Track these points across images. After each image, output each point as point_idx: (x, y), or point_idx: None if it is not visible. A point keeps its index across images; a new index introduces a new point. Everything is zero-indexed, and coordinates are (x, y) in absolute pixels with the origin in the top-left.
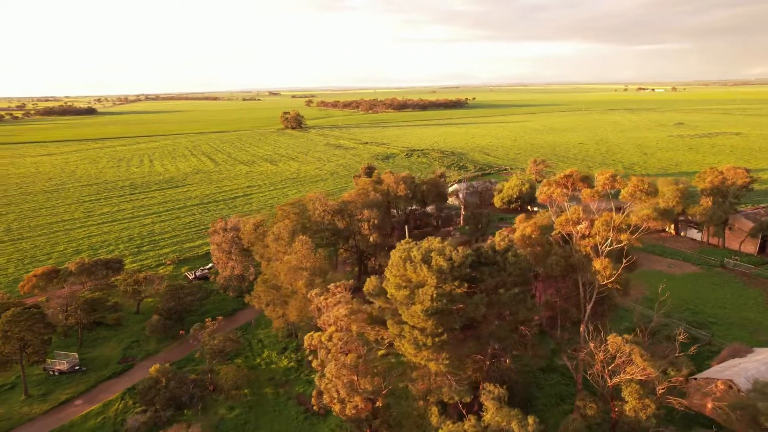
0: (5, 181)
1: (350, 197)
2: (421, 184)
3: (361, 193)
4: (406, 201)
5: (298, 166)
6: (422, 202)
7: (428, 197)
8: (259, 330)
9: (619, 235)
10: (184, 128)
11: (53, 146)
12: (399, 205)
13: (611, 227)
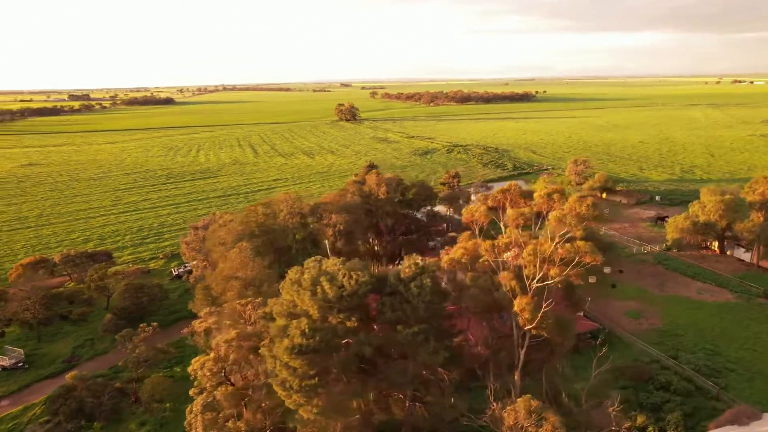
0: (62, 168)
1: (327, 199)
2: (410, 187)
3: (338, 195)
4: (391, 205)
5: (334, 159)
6: (410, 206)
7: (415, 202)
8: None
9: (552, 269)
10: (244, 118)
11: (121, 134)
12: (383, 210)
13: (539, 258)
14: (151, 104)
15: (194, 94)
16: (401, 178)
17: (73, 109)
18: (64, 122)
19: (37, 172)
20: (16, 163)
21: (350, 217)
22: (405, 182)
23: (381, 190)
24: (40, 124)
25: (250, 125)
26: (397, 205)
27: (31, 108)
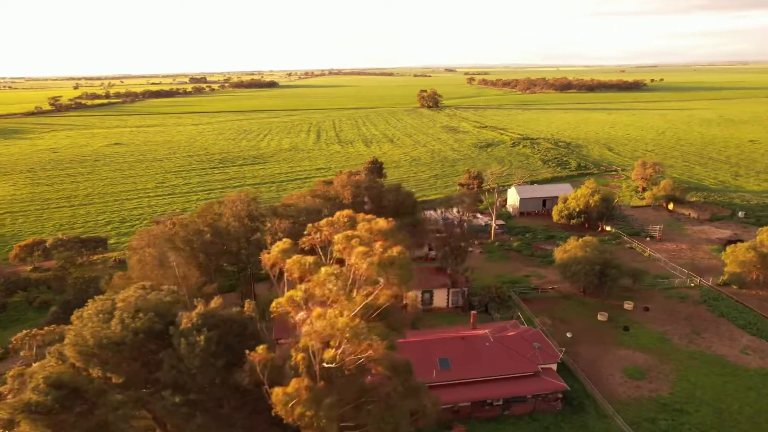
0: (137, 149)
1: (290, 200)
2: (385, 192)
3: (301, 196)
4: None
5: (389, 149)
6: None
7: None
8: None
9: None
10: (329, 103)
11: (209, 116)
12: None
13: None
14: (255, 87)
15: (300, 78)
16: (378, 182)
17: (186, 92)
18: (172, 104)
19: (116, 151)
20: (105, 142)
21: (298, 222)
22: (381, 185)
23: (345, 193)
24: (149, 106)
25: (331, 110)
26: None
27: (151, 90)
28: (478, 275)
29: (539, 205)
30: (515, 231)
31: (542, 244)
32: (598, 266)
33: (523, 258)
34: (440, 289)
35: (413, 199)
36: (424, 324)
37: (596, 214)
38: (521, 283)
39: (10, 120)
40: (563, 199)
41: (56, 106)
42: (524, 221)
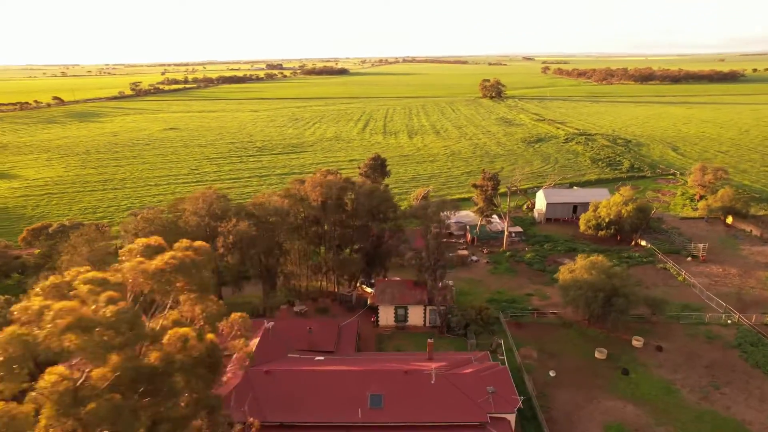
0: (188, 134)
1: (259, 199)
2: (360, 195)
3: (272, 195)
4: (335, 213)
5: (431, 141)
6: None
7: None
8: None
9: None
10: (392, 91)
11: (269, 103)
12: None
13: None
14: (325, 74)
15: (373, 65)
16: (355, 183)
17: (258, 78)
18: (242, 90)
19: (168, 136)
20: (161, 127)
21: (257, 224)
22: (358, 187)
23: (314, 194)
24: (220, 91)
25: (390, 99)
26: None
27: (225, 76)
28: (474, 290)
29: (569, 212)
30: (534, 240)
31: (559, 258)
32: (602, 293)
33: (532, 273)
34: (416, 305)
35: (391, 203)
36: (390, 344)
37: (629, 226)
38: (520, 302)
39: (96, 104)
40: (594, 206)
41: (136, 91)
42: (548, 229)
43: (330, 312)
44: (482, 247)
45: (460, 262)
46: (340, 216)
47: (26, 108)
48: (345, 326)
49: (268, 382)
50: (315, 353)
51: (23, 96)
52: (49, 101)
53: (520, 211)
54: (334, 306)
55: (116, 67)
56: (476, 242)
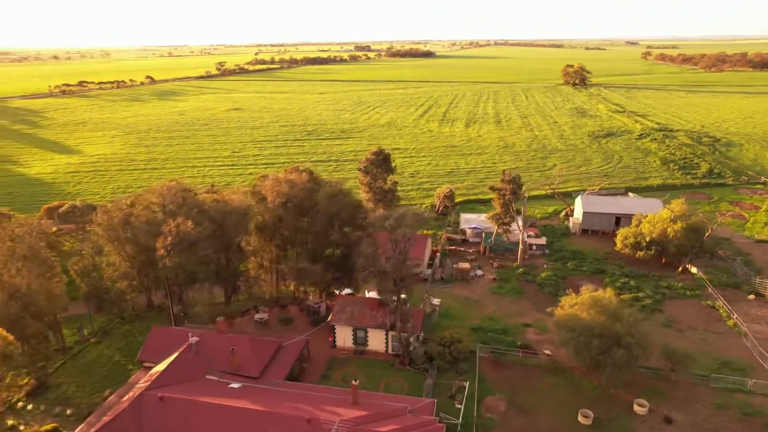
0: (248, 115)
1: (222, 195)
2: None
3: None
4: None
5: (487, 131)
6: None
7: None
8: None
9: None
10: (469, 75)
11: (339, 85)
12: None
13: None
14: (410, 57)
15: (462, 48)
16: (321, 183)
17: (341, 59)
18: (322, 71)
19: (228, 116)
20: (227, 107)
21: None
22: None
23: (271, 194)
24: (300, 72)
25: (464, 83)
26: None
27: (309, 57)
28: (464, 312)
29: (610, 224)
30: (558, 255)
31: (581, 281)
32: (597, 340)
33: (541, 297)
34: (377, 329)
35: (359, 209)
36: (339, 372)
37: (676, 248)
38: (510, 334)
39: (182, 83)
40: (637, 220)
41: (221, 71)
42: (581, 243)
43: (293, 323)
44: (494, 259)
45: (460, 277)
46: (302, 221)
47: (122, 86)
48: (288, 346)
49: (159, 409)
50: (237, 377)
51: (128, 75)
52: (143, 80)
53: (556, 218)
54: (300, 317)
55: (217, 48)
56: (488, 253)
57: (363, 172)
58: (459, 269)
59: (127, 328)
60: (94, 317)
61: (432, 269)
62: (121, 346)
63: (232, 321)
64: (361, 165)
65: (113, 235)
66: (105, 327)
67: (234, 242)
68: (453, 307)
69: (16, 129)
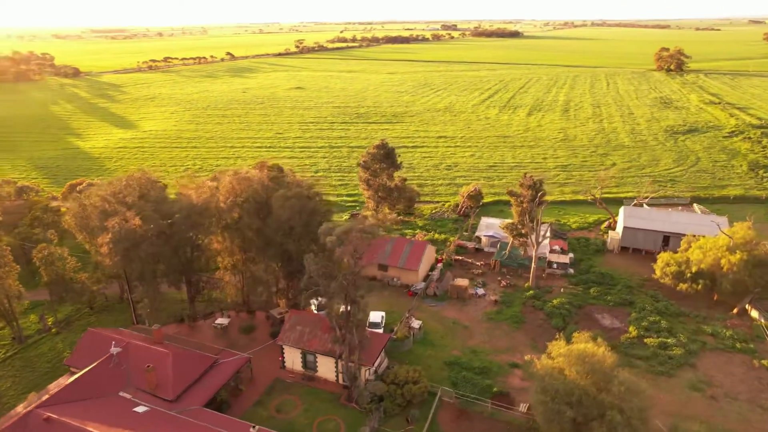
0: (306, 94)
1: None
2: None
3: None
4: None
5: (549, 121)
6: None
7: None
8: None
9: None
10: (550, 58)
11: (412, 65)
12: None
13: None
14: (496, 37)
15: (555, 28)
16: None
17: (422, 39)
18: (399, 50)
19: (287, 95)
20: (290, 86)
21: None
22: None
23: (222, 194)
24: (377, 51)
25: (544, 66)
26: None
27: (389, 36)
28: (444, 340)
29: (656, 243)
30: (583, 277)
31: (600, 312)
32: (571, 410)
33: (546, 330)
34: (326, 356)
35: (310, 216)
36: (273, 402)
37: (732, 285)
38: (491, 375)
39: (259, 60)
40: (686, 243)
41: (299, 49)
42: (617, 263)
43: (254, 333)
44: (505, 276)
45: (456, 294)
46: (258, 223)
47: (203, 62)
48: (225, 364)
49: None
50: (152, 398)
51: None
52: (223, 56)
53: (596, 229)
54: (265, 325)
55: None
56: (499, 267)
57: (363, 167)
58: (455, 286)
59: (91, 320)
60: (57, 307)
61: (427, 282)
62: (77, 339)
63: (194, 323)
64: (361, 159)
65: (83, 223)
66: (70, 317)
67: (191, 241)
68: (436, 332)
69: (94, 102)
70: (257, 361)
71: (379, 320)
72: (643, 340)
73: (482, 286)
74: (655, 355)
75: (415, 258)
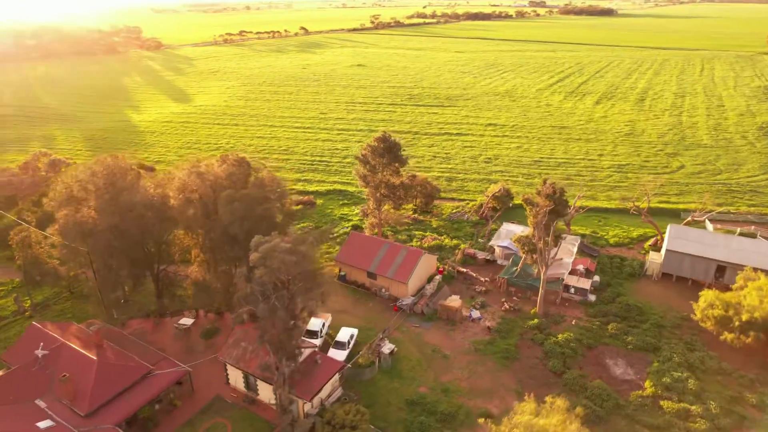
0: (365, 72)
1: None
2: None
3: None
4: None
5: (619, 112)
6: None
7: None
8: None
9: None
10: (640, 39)
11: (484, 44)
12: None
13: None
14: (586, 15)
15: (657, 5)
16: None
17: (505, 15)
18: (478, 27)
19: (345, 73)
20: (350, 63)
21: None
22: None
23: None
24: (454, 28)
25: (630, 48)
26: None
27: (470, 13)
28: (414, 371)
29: (708, 272)
30: (605, 307)
31: (613, 358)
32: None
33: (539, 372)
34: (265, 381)
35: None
36: (205, 424)
37: None
38: (455, 423)
39: (331, 35)
40: (743, 280)
41: (375, 24)
42: (653, 293)
43: (217, 337)
44: (510, 296)
45: (446, 316)
46: (208, 225)
47: (276, 36)
48: (160, 376)
49: None
50: (67, 410)
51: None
52: (297, 31)
53: (639, 246)
54: (229, 330)
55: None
56: (506, 286)
57: (362, 161)
58: (445, 306)
59: (68, 305)
60: (31, 291)
61: (417, 297)
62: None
63: (161, 319)
64: (361, 153)
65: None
66: (47, 300)
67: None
68: (410, 360)
69: (162, 75)
70: (205, 371)
71: (346, 339)
72: (659, 402)
73: (480, 308)
74: (668, 426)
75: (406, 269)
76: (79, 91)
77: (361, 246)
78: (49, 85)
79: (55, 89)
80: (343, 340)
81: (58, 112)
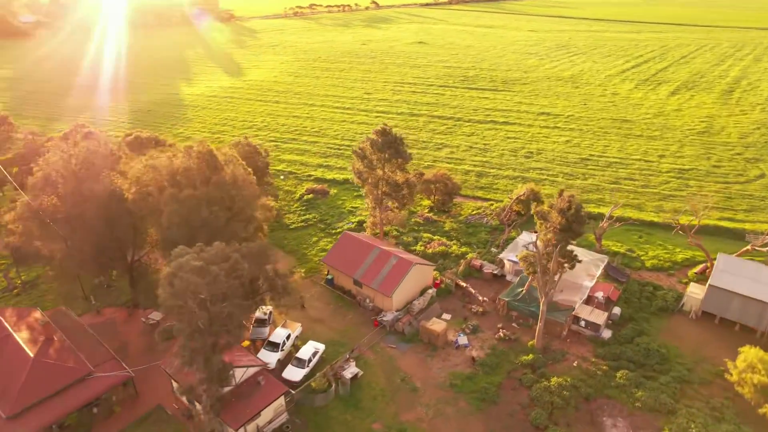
0: (423, 50)
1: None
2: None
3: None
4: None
5: (697, 105)
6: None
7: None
8: None
9: None
10: (760, 19)
11: (563, 23)
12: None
13: None
14: None
15: None
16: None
17: None
18: (561, 3)
19: (403, 50)
20: (412, 40)
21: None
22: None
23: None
24: (531, 4)
25: (735, 30)
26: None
27: None
28: (376, 403)
29: (762, 318)
30: (619, 349)
31: (612, 416)
32: None
33: (518, 422)
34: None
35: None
36: None
37: None
38: None
39: (404, 9)
40: None
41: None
42: (688, 334)
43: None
44: (510, 322)
45: (427, 339)
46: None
47: (346, 10)
48: (100, 379)
49: None
50: None
51: None
52: (368, 5)
53: (681, 273)
54: None
55: None
56: (506, 310)
57: (359, 156)
58: (426, 329)
59: (54, 285)
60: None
61: (402, 312)
62: (29, 304)
63: (134, 310)
64: (358, 147)
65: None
66: (38, 278)
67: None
68: (373, 388)
69: (224, 47)
70: (157, 374)
71: (308, 357)
72: None
73: (470, 332)
74: None
75: (392, 281)
76: (140, 63)
77: (350, 249)
78: (130, 56)
79: (130, 60)
80: (304, 357)
81: (120, 84)
